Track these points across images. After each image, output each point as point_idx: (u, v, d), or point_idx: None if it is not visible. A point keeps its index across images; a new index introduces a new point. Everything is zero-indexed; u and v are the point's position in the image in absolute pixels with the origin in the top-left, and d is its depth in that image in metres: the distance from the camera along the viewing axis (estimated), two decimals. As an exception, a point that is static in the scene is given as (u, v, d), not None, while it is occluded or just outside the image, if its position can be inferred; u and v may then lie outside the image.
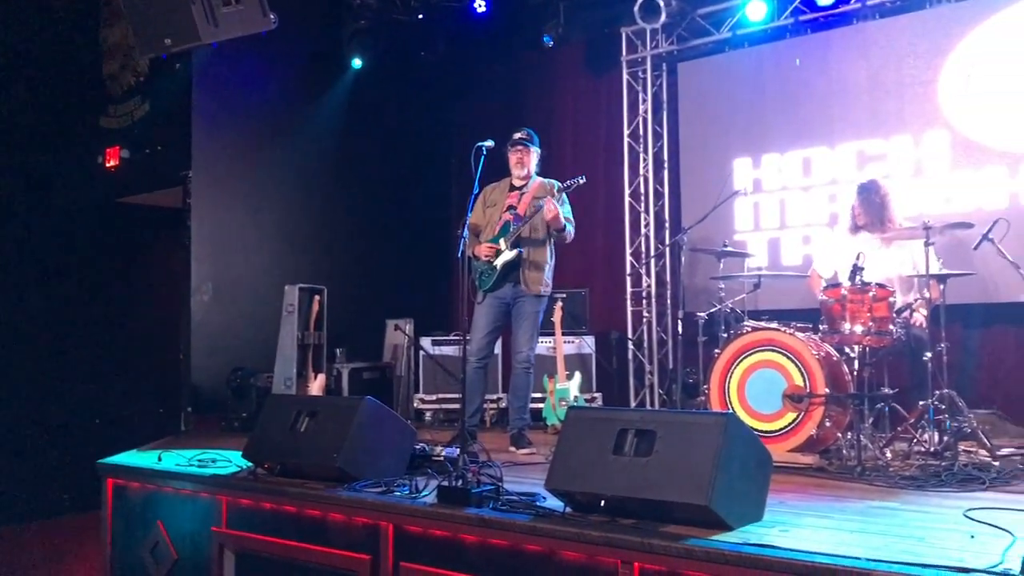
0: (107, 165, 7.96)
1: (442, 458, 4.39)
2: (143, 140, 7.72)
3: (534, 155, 5.65)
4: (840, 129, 6.83)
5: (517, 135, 5.63)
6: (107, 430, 7.59)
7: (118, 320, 8.12)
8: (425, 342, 7.53)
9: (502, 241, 5.48)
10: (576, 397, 6.64)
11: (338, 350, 7.36)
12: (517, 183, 5.66)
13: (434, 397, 7.41)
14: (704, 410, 5.14)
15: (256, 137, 7.66)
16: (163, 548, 4.70)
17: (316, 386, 6.82)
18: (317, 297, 6.93)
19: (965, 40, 6.29)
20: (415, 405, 7.45)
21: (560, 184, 5.52)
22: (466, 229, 4.61)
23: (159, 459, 5.03)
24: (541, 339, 6.11)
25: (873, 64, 6.69)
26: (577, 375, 6.82)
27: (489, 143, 4.62)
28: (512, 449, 5.42)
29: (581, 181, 5.43)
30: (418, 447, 4.53)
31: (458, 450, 4.20)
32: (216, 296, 7.24)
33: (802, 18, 7.03)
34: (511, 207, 5.59)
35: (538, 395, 6.54)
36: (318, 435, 4.28)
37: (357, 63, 8.15)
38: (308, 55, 8.06)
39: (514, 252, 5.45)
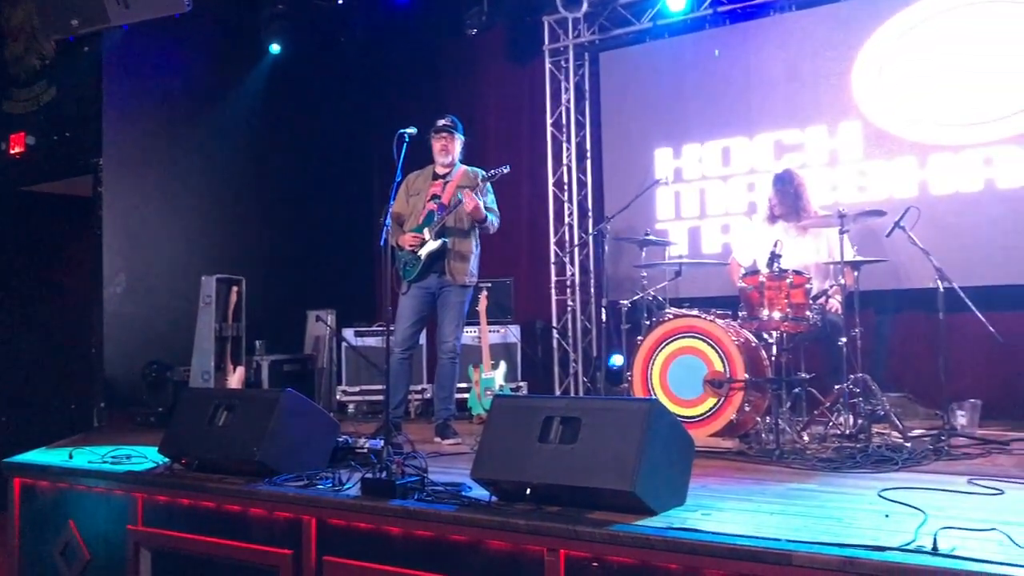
0: (11, 152, 7.63)
1: (366, 450, 4.33)
2: (50, 126, 7.42)
3: (458, 142, 5.61)
4: (758, 119, 6.95)
5: (441, 122, 5.58)
6: (14, 428, 7.31)
7: (25, 313, 7.81)
8: (347, 333, 7.44)
9: (426, 231, 5.43)
10: (502, 386, 6.64)
11: (257, 342, 7.22)
12: (441, 171, 5.61)
13: (357, 389, 7.33)
14: (628, 397, 5.18)
15: (171, 123, 7.44)
16: (75, 549, 4.54)
17: (235, 379, 6.68)
18: (235, 288, 6.78)
19: (878, 33, 6.46)
20: (338, 397, 7.36)
21: (484, 173, 5.49)
22: (388, 217, 4.55)
23: (70, 456, 4.85)
24: (467, 329, 6.09)
25: (790, 55, 6.82)
26: (503, 364, 6.82)
27: (411, 130, 4.56)
28: (438, 439, 5.39)
29: (505, 171, 5.41)
30: (341, 439, 4.46)
31: (382, 442, 4.15)
32: (130, 287, 7.04)
33: (721, 9, 7.13)
34: (435, 196, 5.53)
35: (464, 385, 6.51)
36: (237, 429, 4.19)
37: (275, 48, 7.98)
38: (224, 39, 7.86)
39: (439, 242, 5.40)
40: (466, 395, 6.63)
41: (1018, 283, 5.83)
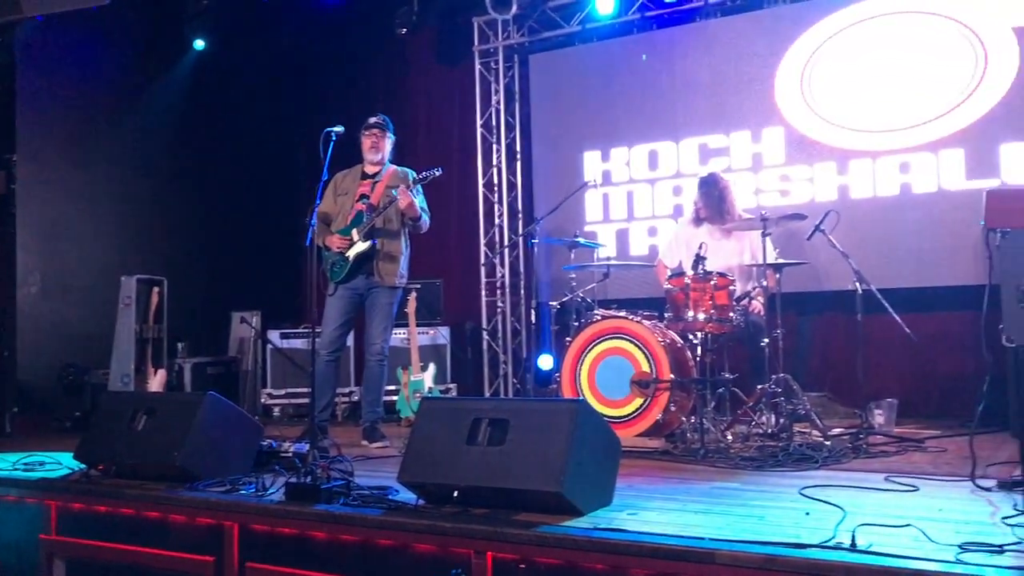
0: (-82, 147, 7.31)
1: (290, 454, 4.27)
2: (-41, 120, 7.13)
3: (388, 141, 5.56)
4: (684, 124, 7.06)
5: (372, 119, 5.53)
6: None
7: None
8: (273, 335, 7.31)
9: (355, 231, 5.36)
10: (431, 388, 6.61)
11: (180, 344, 7.06)
12: (370, 170, 5.54)
13: (283, 392, 7.21)
14: (556, 398, 5.20)
15: (90, 119, 7.23)
16: (-16, 560, 4.36)
17: (156, 382, 6.52)
18: (156, 289, 6.63)
19: (799, 41, 6.61)
20: (263, 400, 7.23)
21: (415, 175, 5.45)
22: (315, 217, 4.47)
23: (-21, 464, 4.67)
24: (395, 330, 6.03)
25: (715, 61, 6.94)
26: (432, 366, 6.78)
27: (339, 129, 4.49)
28: (365, 443, 5.33)
29: (437, 173, 5.37)
30: (265, 443, 4.39)
31: (307, 445, 4.09)
32: (45, 288, 6.83)
33: (648, 14, 7.22)
34: (364, 196, 5.46)
35: (392, 387, 6.48)
36: (157, 433, 4.09)
37: (200, 44, 7.81)
38: (146, 34, 7.67)
39: (368, 243, 5.34)
40: (395, 397, 6.57)
41: (932, 285, 6.03)
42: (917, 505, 3.34)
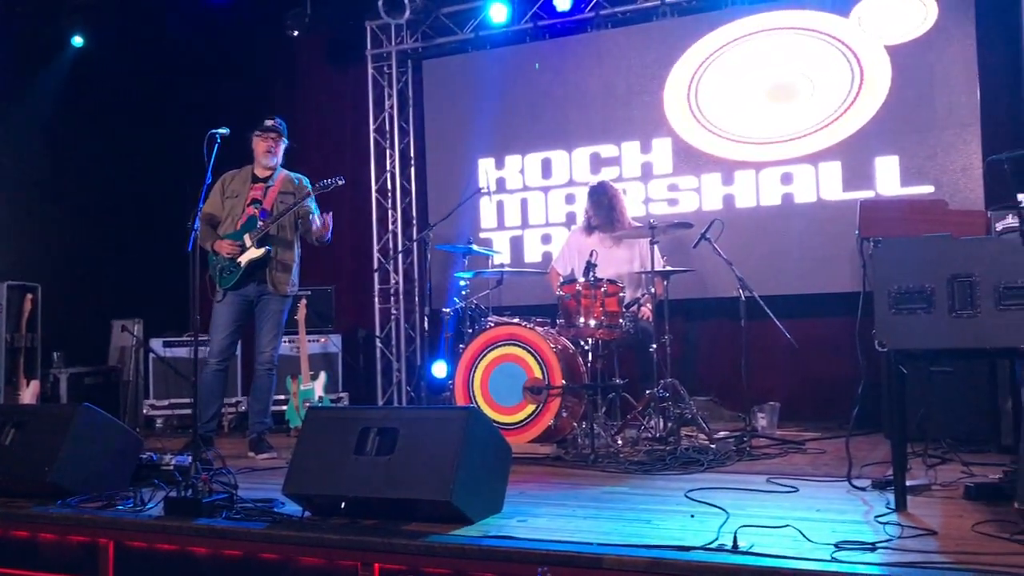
0: None
1: (171, 467, 4.11)
2: None
3: (283, 145, 5.41)
4: (576, 133, 7.14)
5: (269, 122, 5.37)
6: None
7: None
8: (155, 343, 7.04)
9: (247, 237, 5.19)
10: (321, 398, 6.48)
11: (55, 353, 6.74)
12: (262, 173, 5.38)
13: (166, 403, 6.95)
14: (447, 406, 5.17)
15: (-43, 117, 6.83)
16: None
17: (28, 394, 6.21)
18: (30, 295, 6.33)
19: (687, 54, 6.78)
20: (145, 412, 6.95)
21: (313, 184, 5.32)
22: (198, 221, 4.27)
23: None
24: (285, 338, 5.88)
25: (606, 72, 7.05)
26: (323, 375, 6.64)
27: (223, 131, 4.34)
28: (251, 454, 5.19)
29: (340, 183, 5.29)
30: (145, 456, 4.22)
31: (190, 458, 3.94)
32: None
33: (541, 23, 7.27)
34: (256, 200, 5.30)
35: (281, 397, 6.33)
36: (26, 448, 3.89)
37: (78, 41, 7.48)
38: (21, 29, 7.28)
39: (262, 250, 5.17)
40: (284, 407, 6.42)
41: (812, 292, 6.25)
42: (796, 506, 3.45)
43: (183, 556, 3.30)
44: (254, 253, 5.19)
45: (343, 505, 3.20)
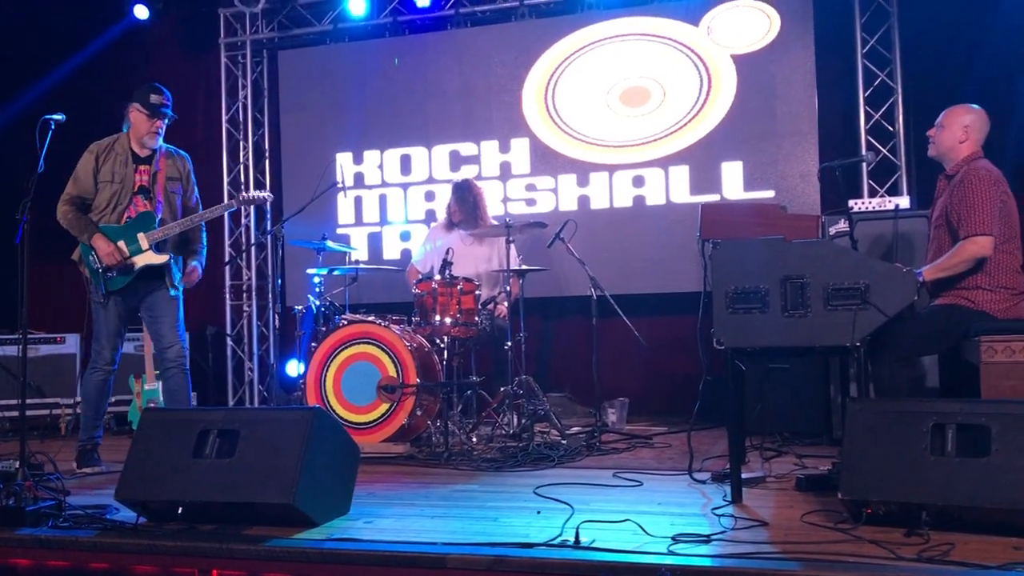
0: None
1: (-7, 473, 3.84)
2: None
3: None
4: (436, 130, 7.11)
5: (157, 98, 4.81)
6: None
7: None
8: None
9: (142, 237, 4.69)
10: (167, 397, 6.21)
11: None
12: (142, 153, 4.84)
13: (-4, 403, 6.50)
14: (295, 406, 5.06)
15: None
16: None
17: None
18: None
19: (544, 56, 6.86)
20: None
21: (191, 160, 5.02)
22: (25, 213, 3.91)
23: None
24: (128, 336, 5.47)
25: (465, 71, 7.05)
26: (168, 374, 6.36)
27: (58, 117, 4.08)
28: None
29: (268, 199, 5.25)
30: (-35, 463, 3.92)
31: (15, 463, 3.70)
32: None
33: (401, 18, 7.21)
34: (143, 188, 4.79)
35: (124, 397, 6.04)
36: None
37: None
38: None
39: (164, 257, 4.72)
40: (126, 408, 6.13)
41: (661, 292, 6.44)
42: (639, 500, 3.55)
43: (4, 570, 3.10)
44: (152, 258, 4.70)
45: (180, 510, 3.08)
